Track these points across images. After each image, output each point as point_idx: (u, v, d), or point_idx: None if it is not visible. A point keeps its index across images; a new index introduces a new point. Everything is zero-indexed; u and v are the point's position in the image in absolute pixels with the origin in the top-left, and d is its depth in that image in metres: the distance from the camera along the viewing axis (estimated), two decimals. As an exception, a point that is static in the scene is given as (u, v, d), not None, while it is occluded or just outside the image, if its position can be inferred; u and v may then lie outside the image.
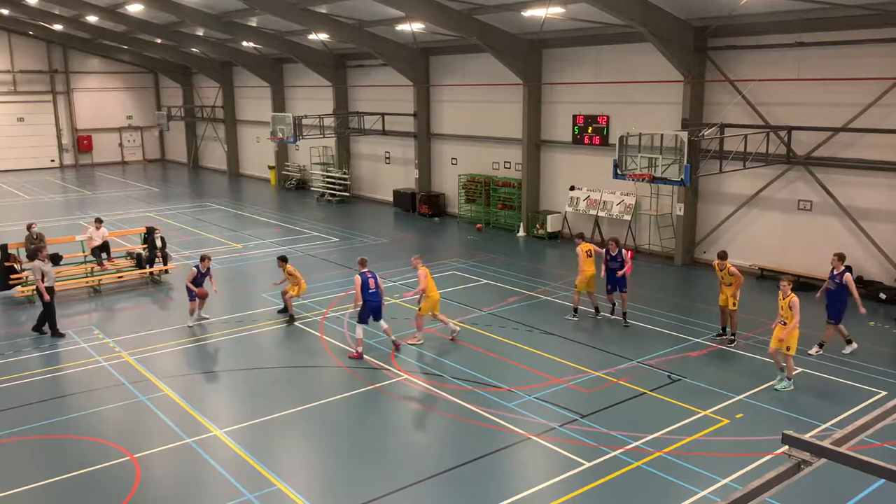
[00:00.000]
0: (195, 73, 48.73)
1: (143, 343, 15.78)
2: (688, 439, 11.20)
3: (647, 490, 9.90)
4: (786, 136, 19.29)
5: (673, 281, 20.43)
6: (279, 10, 27.10)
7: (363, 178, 36.04)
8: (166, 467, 10.74)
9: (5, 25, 46.30)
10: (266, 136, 35.48)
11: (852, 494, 9.66)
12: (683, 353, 14.65)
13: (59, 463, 10.74)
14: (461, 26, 24.21)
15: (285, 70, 39.97)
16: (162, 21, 36.65)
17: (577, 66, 25.02)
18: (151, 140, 54.23)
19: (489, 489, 9.94)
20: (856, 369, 13.91)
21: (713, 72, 21.11)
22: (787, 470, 4.02)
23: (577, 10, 20.85)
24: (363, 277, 14.63)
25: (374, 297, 14.62)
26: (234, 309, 18.18)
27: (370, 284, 14.64)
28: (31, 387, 13.54)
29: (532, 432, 11.42)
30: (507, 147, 27.92)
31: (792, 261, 20.16)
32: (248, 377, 13.98)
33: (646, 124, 20.73)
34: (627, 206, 23.83)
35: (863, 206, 18.71)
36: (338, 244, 25.57)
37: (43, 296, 16.02)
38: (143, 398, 12.93)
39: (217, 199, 36.24)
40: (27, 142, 48.77)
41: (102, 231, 20.98)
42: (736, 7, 18.63)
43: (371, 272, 14.86)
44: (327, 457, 11.10)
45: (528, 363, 14.30)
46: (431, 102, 31.22)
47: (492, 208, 28.54)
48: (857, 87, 18.29)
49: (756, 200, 20.85)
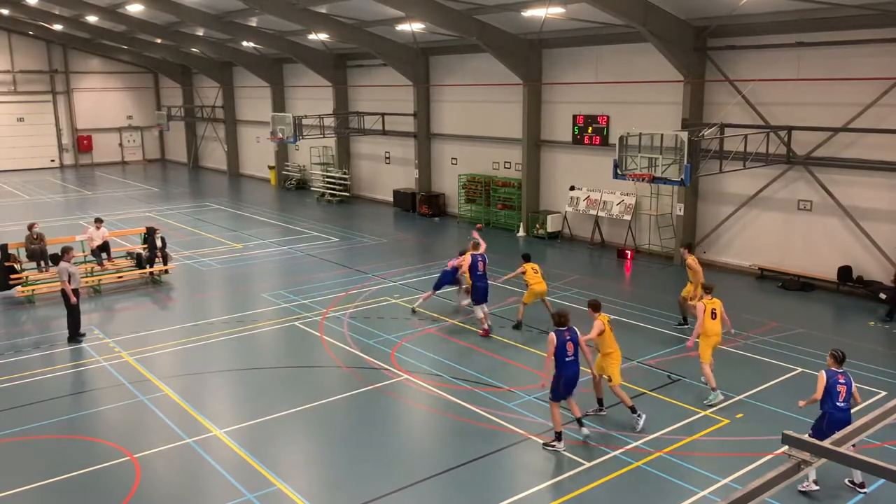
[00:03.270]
0: (195, 73, 48.72)
1: (143, 343, 15.78)
2: (688, 439, 11.20)
3: (647, 490, 9.90)
4: (786, 136, 19.29)
5: (673, 281, 20.41)
6: (279, 10, 27.09)
7: (363, 178, 36.04)
8: (166, 467, 10.74)
9: (5, 25, 46.30)
10: (266, 136, 35.48)
11: (852, 494, 9.66)
12: (683, 353, 14.63)
13: (59, 463, 10.74)
14: (461, 26, 24.21)
15: (285, 70, 39.97)
16: (162, 21, 36.63)
17: (577, 66, 25.02)
18: (151, 140, 54.23)
19: (489, 489, 9.94)
20: (856, 369, 13.89)
21: (713, 72, 21.11)
22: (787, 470, 4.02)
23: (577, 10, 20.85)
24: (473, 259, 15.85)
25: (481, 279, 15.74)
26: (234, 309, 18.18)
27: (479, 267, 15.70)
28: (31, 387, 13.54)
29: (532, 432, 11.42)
30: (507, 147, 27.92)
31: (792, 261, 20.16)
32: (248, 377, 13.98)
33: (646, 124, 20.73)
34: (627, 206, 23.83)
35: (863, 206, 18.70)
36: (338, 244, 25.57)
37: (70, 298, 15.61)
38: (143, 398, 12.93)
39: (217, 199, 36.24)
40: (27, 142, 48.77)
41: (102, 231, 20.99)
42: (736, 7, 18.63)
43: (481, 256, 15.93)
44: (327, 457, 11.09)
45: (528, 363, 14.30)
46: (431, 102, 31.21)
47: (492, 208, 28.54)
48: (857, 87, 18.29)
49: (756, 200, 20.85)
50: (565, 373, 10.69)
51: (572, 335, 10.79)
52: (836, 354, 9.80)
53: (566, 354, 10.66)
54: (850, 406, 9.54)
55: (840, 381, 9.49)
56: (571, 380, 10.78)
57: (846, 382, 9.53)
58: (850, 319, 17.17)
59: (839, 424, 8.81)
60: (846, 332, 16.30)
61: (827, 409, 9.50)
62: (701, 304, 12.70)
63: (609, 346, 11.65)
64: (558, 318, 10.90)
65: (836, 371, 9.63)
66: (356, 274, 21.24)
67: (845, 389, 9.48)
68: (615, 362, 11.65)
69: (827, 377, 9.54)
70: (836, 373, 9.61)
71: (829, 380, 9.51)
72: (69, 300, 15.68)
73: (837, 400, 9.44)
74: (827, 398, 9.49)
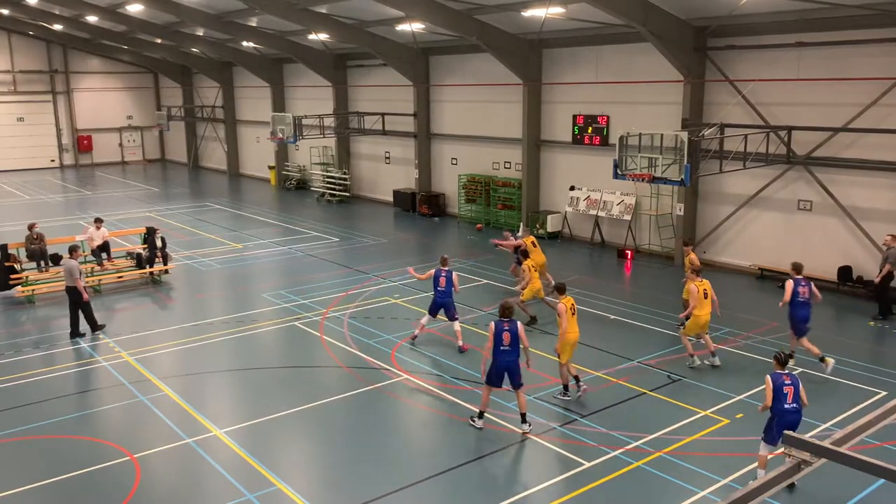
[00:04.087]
0: (195, 73, 48.73)
1: (143, 343, 15.78)
2: (688, 439, 11.20)
3: (647, 490, 9.90)
4: (786, 136, 19.29)
5: (673, 281, 20.39)
6: (279, 10, 27.09)
7: (363, 178, 36.04)
8: (166, 467, 10.74)
9: (5, 25, 46.30)
10: (266, 136, 35.49)
11: (852, 494, 9.65)
12: (683, 353, 14.63)
13: (59, 463, 10.74)
14: (461, 26, 24.21)
15: (285, 70, 39.97)
16: (162, 21, 36.64)
17: (577, 66, 25.02)
18: (151, 140, 54.23)
19: (489, 489, 9.94)
20: (856, 369, 13.91)
21: (713, 72, 21.10)
22: (787, 470, 4.03)
23: (577, 10, 20.85)
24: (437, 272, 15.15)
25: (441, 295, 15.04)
26: (234, 309, 18.18)
27: (440, 283, 15.00)
28: (31, 387, 13.54)
29: (532, 432, 11.42)
30: (507, 147, 27.92)
31: (792, 261, 20.09)
32: (247, 377, 13.98)
33: (646, 124, 20.73)
34: (627, 206, 23.83)
35: (863, 206, 18.70)
36: (338, 244, 25.57)
37: (83, 295, 15.92)
38: (143, 398, 12.94)
39: (217, 199, 36.24)
40: (27, 142, 48.78)
41: (102, 231, 21.00)
42: (736, 7, 18.63)
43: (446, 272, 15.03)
44: (327, 457, 11.09)
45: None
46: (431, 102, 31.22)
47: (492, 208, 28.54)
48: (857, 87, 18.29)
49: (756, 200, 20.85)
50: (498, 360, 11.28)
51: (511, 326, 11.27)
52: (779, 356, 9.86)
53: (501, 343, 11.23)
54: (800, 407, 9.59)
55: (786, 383, 9.55)
56: (502, 369, 11.31)
57: (792, 383, 9.57)
58: (850, 319, 17.16)
59: (790, 427, 8.85)
60: (846, 332, 16.30)
61: (776, 410, 9.56)
62: (693, 285, 13.71)
63: (569, 328, 12.37)
64: (501, 310, 11.45)
65: (780, 373, 9.66)
66: (356, 274, 21.24)
67: (792, 391, 9.52)
68: (568, 344, 12.41)
69: (773, 380, 9.58)
70: (781, 374, 9.64)
71: (775, 383, 9.56)
72: (82, 297, 15.89)
73: (785, 402, 9.50)
74: (775, 401, 9.54)
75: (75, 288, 15.84)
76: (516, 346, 11.29)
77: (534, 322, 16.44)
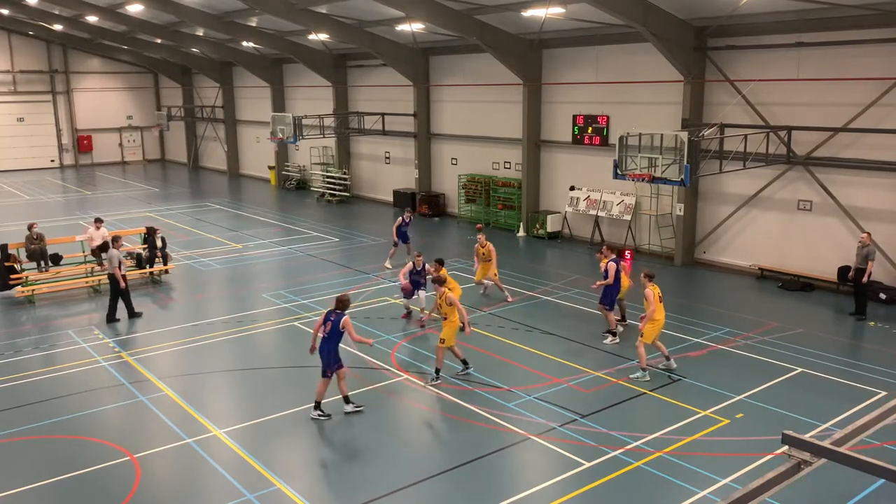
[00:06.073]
0: (195, 73, 48.73)
1: (143, 343, 15.79)
2: (688, 439, 11.20)
3: (647, 490, 9.90)
4: (786, 136, 19.29)
5: (673, 281, 20.42)
6: (279, 10, 27.09)
7: (363, 178, 36.04)
8: (166, 467, 10.74)
9: (5, 25, 46.30)
10: (266, 136, 35.50)
11: (852, 494, 9.66)
12: (683, 352, 14.64)
13: (59, 463, 10.74)
14: (461, 26, 24.21)
15: (285, 70, 39.97)
16: (162, 21, 36.65)
17: (577, 66, 25.02)
18: (151, 140, 54.24)
19: (489, 489, 9.94)
20: (856, 369, 13.91)
21: (713, 72, 21.11)
22: (787, 470, 4.03)
23: (577, 10, 20.85)
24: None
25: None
26: (233, 309, 18.18)
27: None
28: (31, 387, 13.54)
29: (532, 432, 11.42)
30: (507, 147, 27.92)
31: (792, 261, 20.17)
32: (247, 377, 13.98)
33: (646, 124, 20.73)
34: (627, 206, 23.83)
35: (863, 206, 18.70)
36: (338, 244, 25.57)
37: (120, 282, 16.97)
38: (143, 398, 12.94)
39: (217, 199, 36.24)
40: (27, 142, 48.79)
41: (102, 231, 20.99)
42: (736, 7, 18.64)
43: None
44: (327, 457, 11.10)
45: (528, 363, 14.30)
46: (431, 102, 31.22)
47: (492, 208, 28.55)
48: (857, 87, 18.29)
49: (756, 200, 20.85)
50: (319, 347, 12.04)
51: (335, 318, 11.84)
52: None
53: (322, 331, 11.99)
54: None
55: None
56: (320, 353, 11.97)
57: None
58: (850, 319, 17.15)
59: None
60: (846, 332, 16.31)
61: None
62: (650, 290, 13.57)
63: (450, 313, 13.23)
64: (336, 302, 12.05)
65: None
66: (356, 274, 21.24)
67: None
68: (450, 329, 13.26)
69: None
70: None
71: None
72: (118, 284, 16.99)
73: None
74: None
75: (123, 275, 17.09)
76: (331, 336, 11.81)
77: None
